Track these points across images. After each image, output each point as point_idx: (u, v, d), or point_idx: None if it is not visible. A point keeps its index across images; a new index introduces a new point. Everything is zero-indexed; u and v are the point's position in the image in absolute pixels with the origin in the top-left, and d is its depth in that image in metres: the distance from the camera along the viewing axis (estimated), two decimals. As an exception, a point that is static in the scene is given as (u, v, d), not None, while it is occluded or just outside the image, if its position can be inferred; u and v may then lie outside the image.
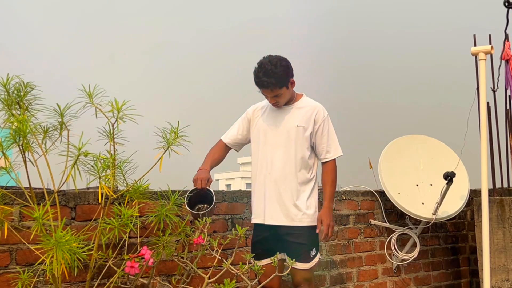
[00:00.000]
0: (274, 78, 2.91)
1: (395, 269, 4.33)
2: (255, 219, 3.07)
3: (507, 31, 4.06)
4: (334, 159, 3.09)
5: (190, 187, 2.88)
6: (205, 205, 2.89)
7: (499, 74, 4.20)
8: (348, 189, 4.21)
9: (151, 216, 2.65)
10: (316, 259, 3.06)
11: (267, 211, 3.00)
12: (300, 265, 2.96)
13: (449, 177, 3.90)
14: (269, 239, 3.02)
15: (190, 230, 2.91)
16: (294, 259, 2.80)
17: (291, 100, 3.09)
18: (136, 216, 2.50)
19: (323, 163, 3.11)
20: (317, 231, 3.03)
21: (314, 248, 3.04)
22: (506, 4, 3.95)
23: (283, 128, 3.04)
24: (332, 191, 3.09)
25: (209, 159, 3.09)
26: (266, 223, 3.01)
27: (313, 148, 3.10)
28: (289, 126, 3.04)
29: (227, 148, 3.20)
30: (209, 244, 2.75)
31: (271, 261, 2.79)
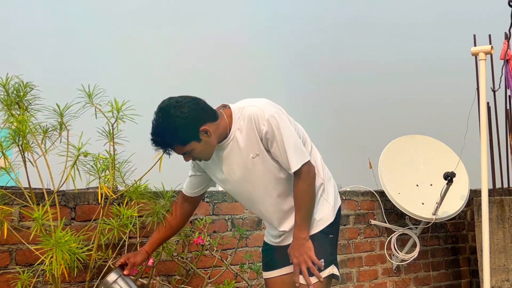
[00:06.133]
0: (169, 136, 2.11)
1: (395, 269, 4.33)
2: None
3: (510, 31, 4.05)
4: (301, 166, 2.19)
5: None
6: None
7: (502, 74, 4.20)
8: (348, 189, 4.21)
9: (147, 213, 2.63)
10: (322, 274, 2.25)
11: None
12: (299, 279, 2.28)
13: (449, 177, 3.90)
14: (278, 248, 2.47)
15: (190, 230, 2.91)
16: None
17: (223, 134, 2.21)
18: (136, 217, 2.50)
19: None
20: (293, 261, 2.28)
21: (322, 260, 2.26)
22: (511, 3, 3.93)
23: (238, 172, 2.26)
24: (305, 212, 2.23)
25: (152, 238, 2.47)
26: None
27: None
28: (244, 165, 2.23)
29: (191, 198, 2.48)
30: (209, 244, 2.75)
31: (278, 274, 2.45)
